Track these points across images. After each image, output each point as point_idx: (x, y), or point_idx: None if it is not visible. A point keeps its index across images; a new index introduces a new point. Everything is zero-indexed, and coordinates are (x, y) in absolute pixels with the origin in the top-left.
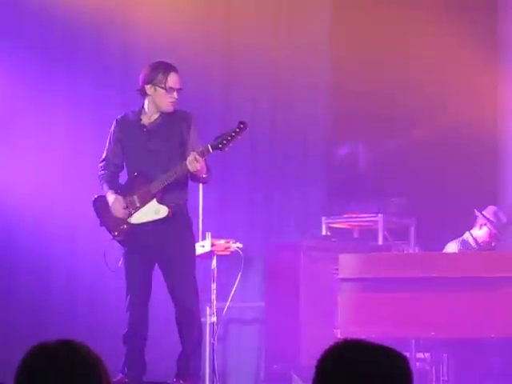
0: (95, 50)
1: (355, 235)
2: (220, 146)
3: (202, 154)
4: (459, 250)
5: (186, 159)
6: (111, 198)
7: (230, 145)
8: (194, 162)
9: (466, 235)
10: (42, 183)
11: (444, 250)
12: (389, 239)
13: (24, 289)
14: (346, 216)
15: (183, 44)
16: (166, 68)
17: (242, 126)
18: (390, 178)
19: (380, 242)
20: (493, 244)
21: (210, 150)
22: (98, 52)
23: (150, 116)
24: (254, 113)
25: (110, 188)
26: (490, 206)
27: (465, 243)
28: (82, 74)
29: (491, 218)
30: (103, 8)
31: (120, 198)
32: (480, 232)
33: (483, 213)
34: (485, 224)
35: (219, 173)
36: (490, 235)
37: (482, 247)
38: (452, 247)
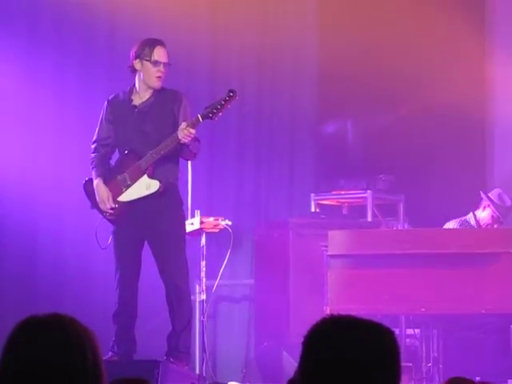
0: (82, 29)
1: (344, 212)
2: (210, 115)
3: (192, 125)
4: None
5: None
6: (96, 186)
7: (220, 114)
8: (184, 132)
9: (469, 215)
10: (31, 161)
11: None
12: (378, 216)
13: (12, 267)
14: (334, 193)
15: (169, 23)
16: (152, 42)
17: (231, 94)
18: (378, 154)
19: (369, 218)
20: (495, 226)
21: (201, 120)
22: (86, 32)
23: (141, 96)
24: (242, 91)
25: (99, 175)
26: (496, 189)
27: (465, 223)
28: (69, 54)
29: (495, 200)
30: None
31: (105, 188)
32: (483, 214)
33: (488, 194)
34: (488, 206)
35: (207, 151)
36: (493, 217)
37: None
38: (451, 226)
